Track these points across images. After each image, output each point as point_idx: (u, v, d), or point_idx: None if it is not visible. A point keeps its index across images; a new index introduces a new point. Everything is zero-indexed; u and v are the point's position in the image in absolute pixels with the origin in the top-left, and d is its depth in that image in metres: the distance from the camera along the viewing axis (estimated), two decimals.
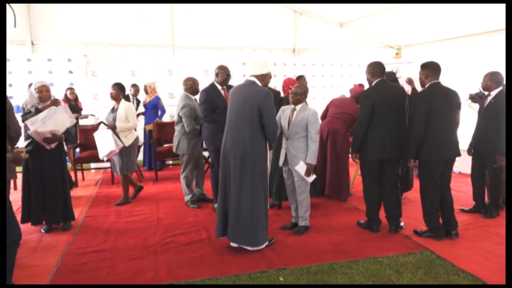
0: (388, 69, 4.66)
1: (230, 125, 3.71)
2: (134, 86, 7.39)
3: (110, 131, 5.04)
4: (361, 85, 5.58)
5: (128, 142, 5.14)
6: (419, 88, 5.27)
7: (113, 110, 5.19)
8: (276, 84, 7.51)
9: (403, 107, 4.06)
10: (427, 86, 3.93)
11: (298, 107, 4.09)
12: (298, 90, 4.07)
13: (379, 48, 9.32)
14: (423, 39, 8.40)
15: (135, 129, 5.33)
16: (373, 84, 4.12)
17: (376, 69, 4.11)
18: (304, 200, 4.16)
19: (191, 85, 5.21)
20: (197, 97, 5.07)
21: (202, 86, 5.08)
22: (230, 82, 4.97)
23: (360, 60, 8.99)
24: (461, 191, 5.73)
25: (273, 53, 9.03)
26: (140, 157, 7.48)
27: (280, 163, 4.22)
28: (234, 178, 3.63)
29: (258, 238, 3.66)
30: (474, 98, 5.24)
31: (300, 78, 7.52)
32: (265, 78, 3.76)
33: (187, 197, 5.27)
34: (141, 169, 7.25)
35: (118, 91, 5.13)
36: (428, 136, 3.82)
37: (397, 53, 9.08)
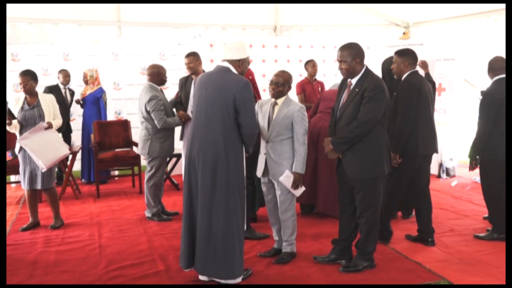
0: (393, 52, 4.76)
1: (197, 125, 3.72)
2: (63, 71, 7.26)
3: (55, 130, 5.02)
4: None
5: None
6: (432, 73, 5.36)
7: (30, 105, 5.07)
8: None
9: None
10: (407, 74, 4.45)
11: (280, 101, 4.11)
12: (280, 79, 4.09)
13: (382, 26, 9.46)
14: (436, 15, 8.50)
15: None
16: (370, 73, 4.01)
17: (363, 53, 4.11)
18: (288, 220, 4.17)
19: (155, 74, 5.40)
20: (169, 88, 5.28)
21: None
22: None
23: (358, 41, 9.03)
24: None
25: (248, 32, 9.06)
26: (77, 166, 7.38)
27: (259, 173, 4.24)
28: (202, 192, 3.63)
29: (234, 269, 3.66)
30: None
31: (307, 64, 7.54)
32: (242, 64, 3.80)
33: (152, 210, 5.48)
34: (78, 182, 7.15)
35: (33, 81, 5.05)
36: (414, 128, 4.33)
37: (404, 33, 9.22)
